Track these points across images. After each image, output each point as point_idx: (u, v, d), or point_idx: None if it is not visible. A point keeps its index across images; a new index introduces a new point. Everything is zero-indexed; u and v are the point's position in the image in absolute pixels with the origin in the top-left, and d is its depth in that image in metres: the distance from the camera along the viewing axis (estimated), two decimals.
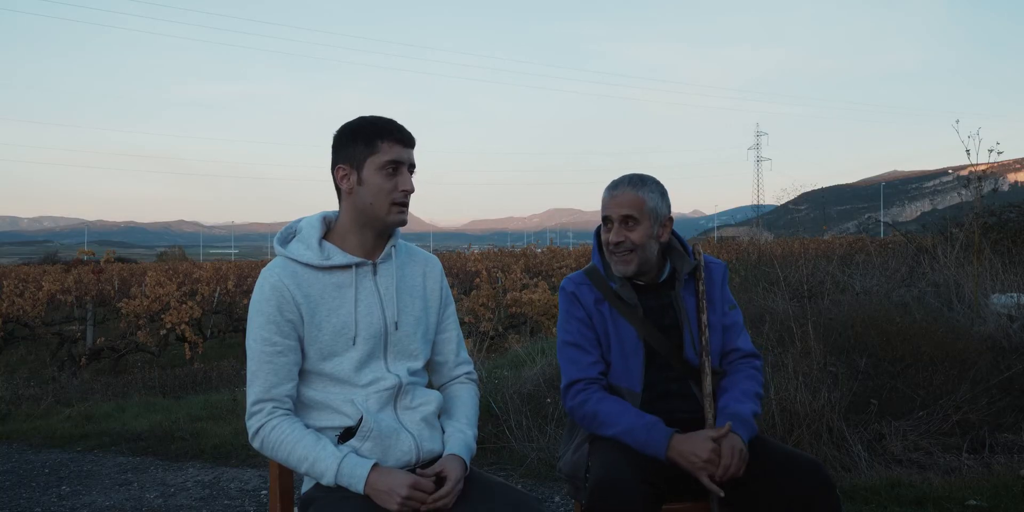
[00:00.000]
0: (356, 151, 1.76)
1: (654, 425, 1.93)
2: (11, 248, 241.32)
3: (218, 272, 16.05)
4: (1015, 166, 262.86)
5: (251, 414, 1.74)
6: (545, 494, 3.58)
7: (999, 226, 8.34)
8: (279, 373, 1.73)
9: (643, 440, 1.92)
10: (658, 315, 2.10)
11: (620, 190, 2.06)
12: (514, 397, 4.48)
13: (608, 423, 1.98)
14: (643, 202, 2.04)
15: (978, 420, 3.77)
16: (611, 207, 2.06)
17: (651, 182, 2.09)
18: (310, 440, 1.70)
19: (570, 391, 2.07)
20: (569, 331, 2.12)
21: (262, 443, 1.72)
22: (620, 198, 2.05)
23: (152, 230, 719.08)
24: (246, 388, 1.76)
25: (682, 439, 1.89)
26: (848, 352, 4.36)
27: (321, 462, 1.67)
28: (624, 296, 2.07)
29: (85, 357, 10.13)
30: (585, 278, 2.15)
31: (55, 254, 48.29)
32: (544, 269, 16.25)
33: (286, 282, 1.74)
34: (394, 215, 1.79)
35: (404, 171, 1.79)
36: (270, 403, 1.73)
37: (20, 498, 3.90)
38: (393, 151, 1.76)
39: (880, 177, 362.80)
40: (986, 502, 3.03)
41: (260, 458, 4.46)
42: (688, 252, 2.13)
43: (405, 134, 1.79)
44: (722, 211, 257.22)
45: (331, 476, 1.66)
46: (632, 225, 2.03)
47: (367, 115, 1.81)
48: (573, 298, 2.12)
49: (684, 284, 2.11)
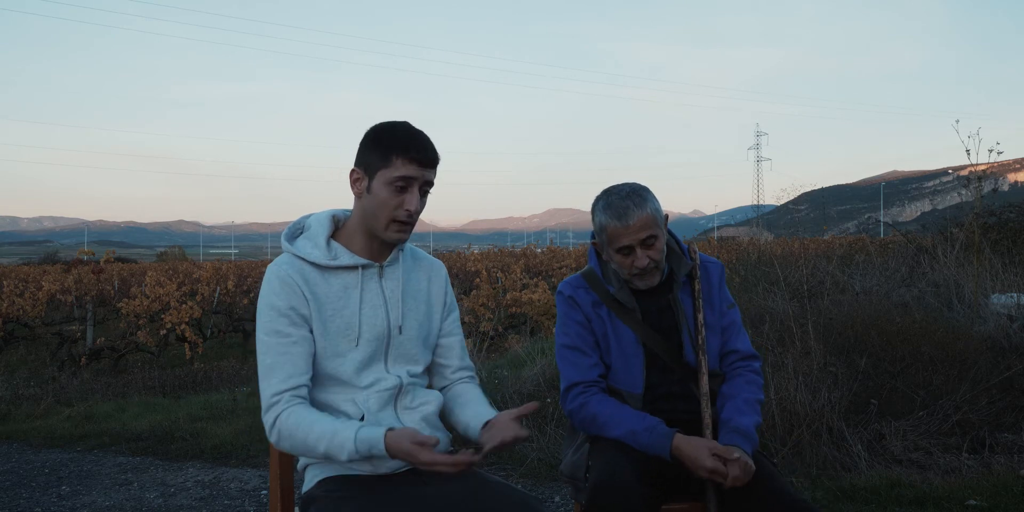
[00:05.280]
0: (371, 159, 1.72)
1: (655, 428, 1.93)
2: (11, 248, 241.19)
3: (218, 272, 16.03)
4: (1015, 166, 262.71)
5: (268, 407, 1.68)
6: (545, 494, 3.58)
7: (999, 226, 8.34)
8: (296, 364, 1.69)
9: (645, 443, 1.91)
10: (656, 317, 2.09)
11: (632, 216, 1.94)
12: (514, 397, 4.48)
13: (608, 425, 1.98)
14: (653, 217, 1.97)
15: (978, 420, 3.77)
16: (629, 235, 1.95)
17: (644, 192, 2.01)
18: (327, 418, 1.66)
19: (569, 394, 2.07)
20: (567, 334, 2.11)
21: (279, 434, 1.66)
22: (636, 224, 1.94)
23: (152, 230, 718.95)
24: (260, 384, 1.71)
25: (685, 442, 1.88)
26: (848, 352, 4.36)
27: (339, 435, 1.61)
28: (622, 300, 2.06)
29: (85, 357, 10.13)
30: (583, 281, 2.14)
31: (55, 254, 48.30)
32: (544, 269, 16.25)
33: (295, 277, 1.73)
34: (392, 232, 1.75)
35: (414, 190, 1.72)
36: (287, 393, 1.68)
37: (20, 498, 3.90)
38: (406, 168, 1.69)
39: (880, 177, 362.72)
40: (986, 502, 3.03)
41: (260, 458, 4.46)
42: (685, 253, 2.12)
43: (423, 153, 1.71)
44: (722, 211, 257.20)
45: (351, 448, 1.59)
46: (652, 242, 1.98)
47: (399, 122, 1.75)
48: (571, 302, 2.12)
49: (682, 286, 2.10)
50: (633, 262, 1.99)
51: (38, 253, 67.58)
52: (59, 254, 48.86)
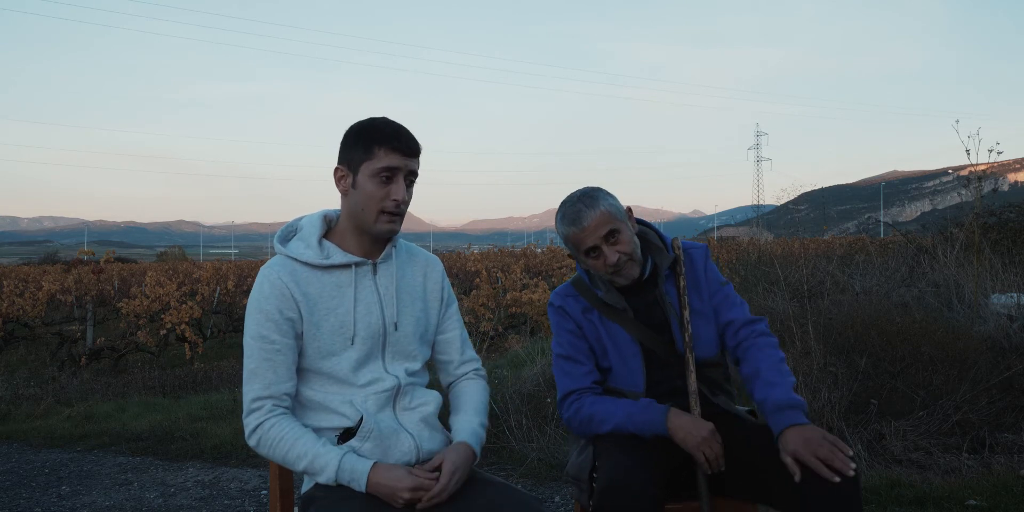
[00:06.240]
0: (354, 154, 1.74)
1: (649, 405, 1.95)
2: (11, 248, 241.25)
3: (218, 272, 16.04)
4: (1015, 166, 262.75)
5: (249, 411, 1.72)
6: (545, 494, 3.58)
7: (999, 226, 8.34)
8: (278, 371, 1.72)
9: (641, 421, 1.93)
10: (647, 314, 2.09)
11: (586, 217, 1.97)
12: (514, 397, 4.47)
13: (605, 419, 1.98)
14: (610, 213, 1.99)
15: (978, 420, 3.77)
16: (589, 237, 1.98)
17: (595, 191, 2.04)
18: (310, 437, 1.69)
19: (564, 403, 2.09)
20: (561, 344, 2.12)
21: (259, 441, 1.70)
22: (592, 224, 1.97)
23: (152, 230, 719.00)
24: (243, 386, 1.75)
25: (679, 413, 1.91)
26: (848, 352, 4.36)
27: (321, 458, 1.65)
28: (611, 302, 2.06)
29: (85, 357, 10.13)
30: (572, 289, 2.15)
31: (55, 254, 48.32)
32: (544, 269, 16.25)
33: (285, 280, 1.73)
34: (382, 224, 1.75)
35: (399, 180, 1.73)
36: (269, 401, 1.71)
37: (20, 498, 3.90)
38: (389, 159, 1.71)
39: (880, 177, 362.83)
40: (986, 502, 3.03)
41: (260, 458, 4.46)
42: (667, 245, 2.12)
43: (405, 142, 1.73)
44: (722, 211, 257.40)
45: (332, 472, 1.64)
46: (615, 237, 1.99)
47: (378, 117, 1.77)
48: (561, 311, 2.13)
49: (666, 278, 2.10)
50: (605, 261, 2.00)
51: (38, 253, 67.63)
52: (59, 254, 48.89)
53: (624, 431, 1.95)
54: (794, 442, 1.75)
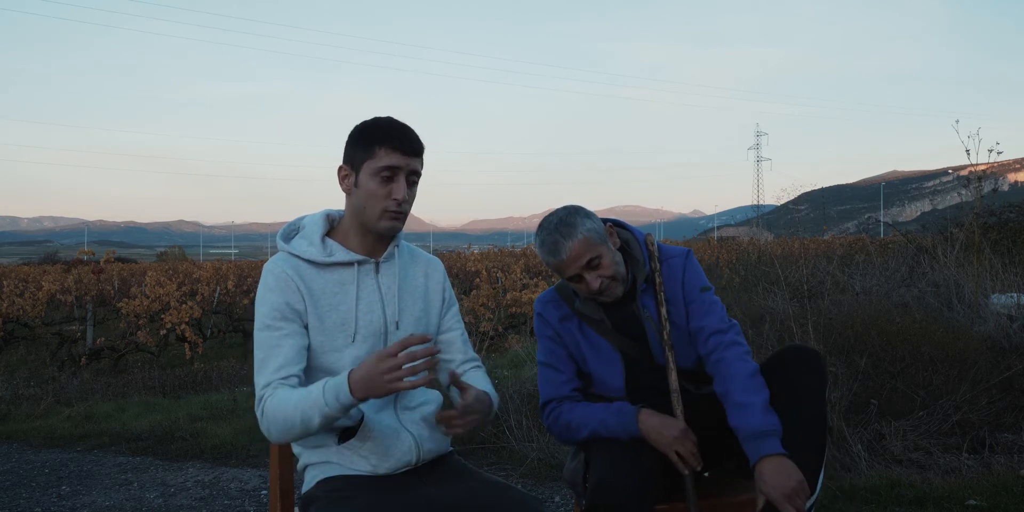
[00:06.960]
0: (356, 153, 1.75)
1: (621, 408, 1.96)
2: (11, 248, 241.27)
3: (218, 272, 16.04)
4: (1015, 166, 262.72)
5: (258, 399, 1.66)
6: (545, 494, 3.58)
7: (999, 226, 8.34)
8: (288, 355, 1.68)
9: (615, 425, 1.94)
10: (626, 326, 2.08)
11: (564, 249, 1.92)
12: (514, 397, 4.47)
13: (582, 425, 2.00)
14: (589, 240, 1.94)
15: (978, 420, 3.77)
16: (569, 267, 1.94)
17: (572, 217, 1.97)
18: (301, 390, 1.61)
19: (545, 411, 2.10)
20: (542, 351, 2.14)
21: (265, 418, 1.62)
22: (571, 255, 1.92)
23: (152, 230, 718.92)
24: (255, 379, 1.70)
25: (651, 414, 1.92)
26: (848, 352, 4.36)
27: (308, 398, 1.57)
28: (588, 312, 2.05)
29: (85, 357, 10.13)
30: (555, 295, 2.14)
31: (55, 254, 48.34)
32: (544, 269, 16.25)
33: (290, 273, 1.73)
34: (385, 222, 1.75)
35: (400, 178, 1.73)
36: (276, 382, 1.65)
37: (20, 498, 3.90)
38: (390, 158, 1.71)
39: (880, 177, 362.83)
40: (986, 502, 3.03)
41: (260, 458, 4.46)
42: (645, 258, 2.07)
43: (407, 142, 1.73)
44: (722, 211, 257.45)
45: (321, 403, 1.54)
46: (597, 263, 1.95)
47: (383, 117, 1.77)
48: (540, 318, 2.14)
49: (643, 291, 2.07)
50: (587, 287, 1.98)
51: (38, 253, 67.62)
52: (59, 254, 48.90)
53: (600, 436, 1.96)
54: (770, 483, 1.76)
